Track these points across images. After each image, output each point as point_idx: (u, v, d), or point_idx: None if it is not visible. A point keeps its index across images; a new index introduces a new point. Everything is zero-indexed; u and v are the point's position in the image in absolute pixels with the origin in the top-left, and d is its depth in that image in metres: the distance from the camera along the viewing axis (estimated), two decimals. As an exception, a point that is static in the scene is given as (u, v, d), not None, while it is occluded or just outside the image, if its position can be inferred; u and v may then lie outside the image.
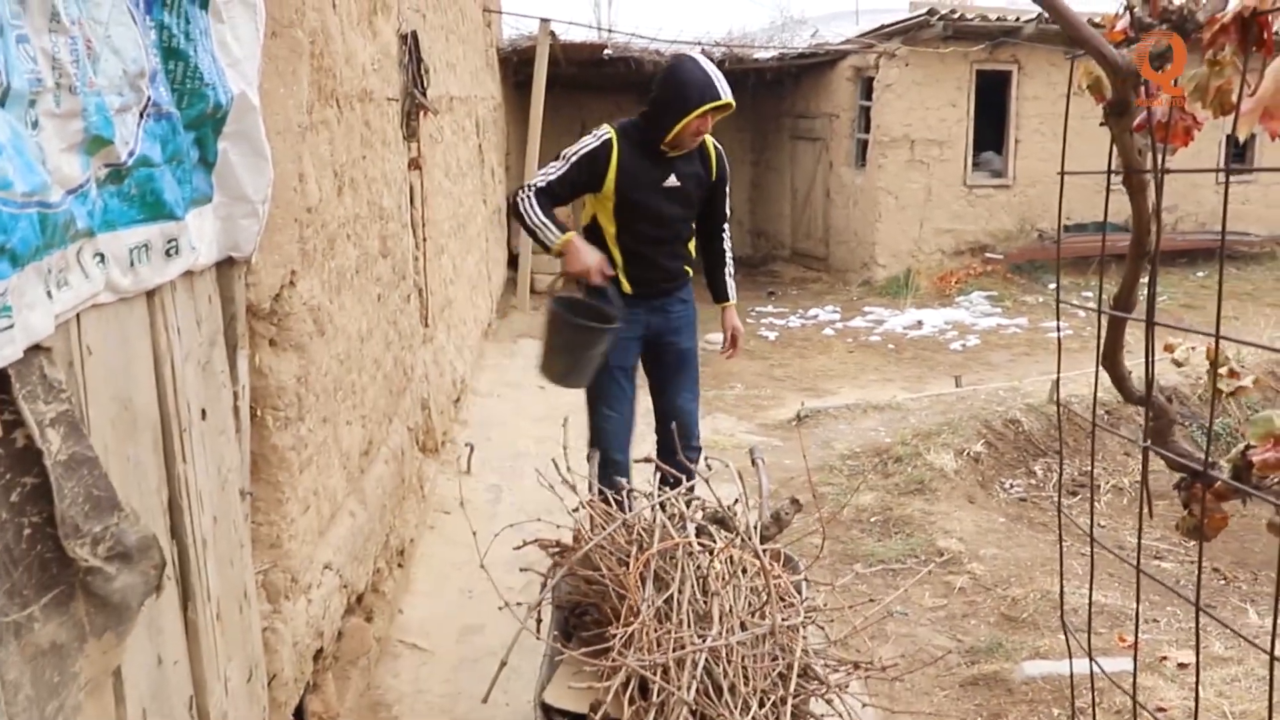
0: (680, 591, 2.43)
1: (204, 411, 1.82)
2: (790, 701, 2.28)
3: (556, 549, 2.83)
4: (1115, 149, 1.88)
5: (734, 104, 3.70)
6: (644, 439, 6.46)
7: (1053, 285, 11.71)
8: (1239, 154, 13.46)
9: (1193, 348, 2.46)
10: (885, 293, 11.79)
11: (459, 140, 7.01)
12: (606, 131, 3.90)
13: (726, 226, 4.22)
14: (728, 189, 4.14)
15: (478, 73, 8.49)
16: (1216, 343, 1.92)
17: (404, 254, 4.20)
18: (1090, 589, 2.20)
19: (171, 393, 1.69)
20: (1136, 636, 1.93)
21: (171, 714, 1.69)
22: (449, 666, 3.63)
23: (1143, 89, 1.89)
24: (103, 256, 1.46)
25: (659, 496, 2.84)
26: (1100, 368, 2.30)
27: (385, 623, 3.63)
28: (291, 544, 2.30)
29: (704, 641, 2.24)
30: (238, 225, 1.90)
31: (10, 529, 1.23)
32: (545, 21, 9.96)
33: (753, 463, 3.59)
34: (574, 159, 3.82)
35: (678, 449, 3.30)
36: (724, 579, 2.49)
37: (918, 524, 5.02)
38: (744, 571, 2.59)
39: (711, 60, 3.84)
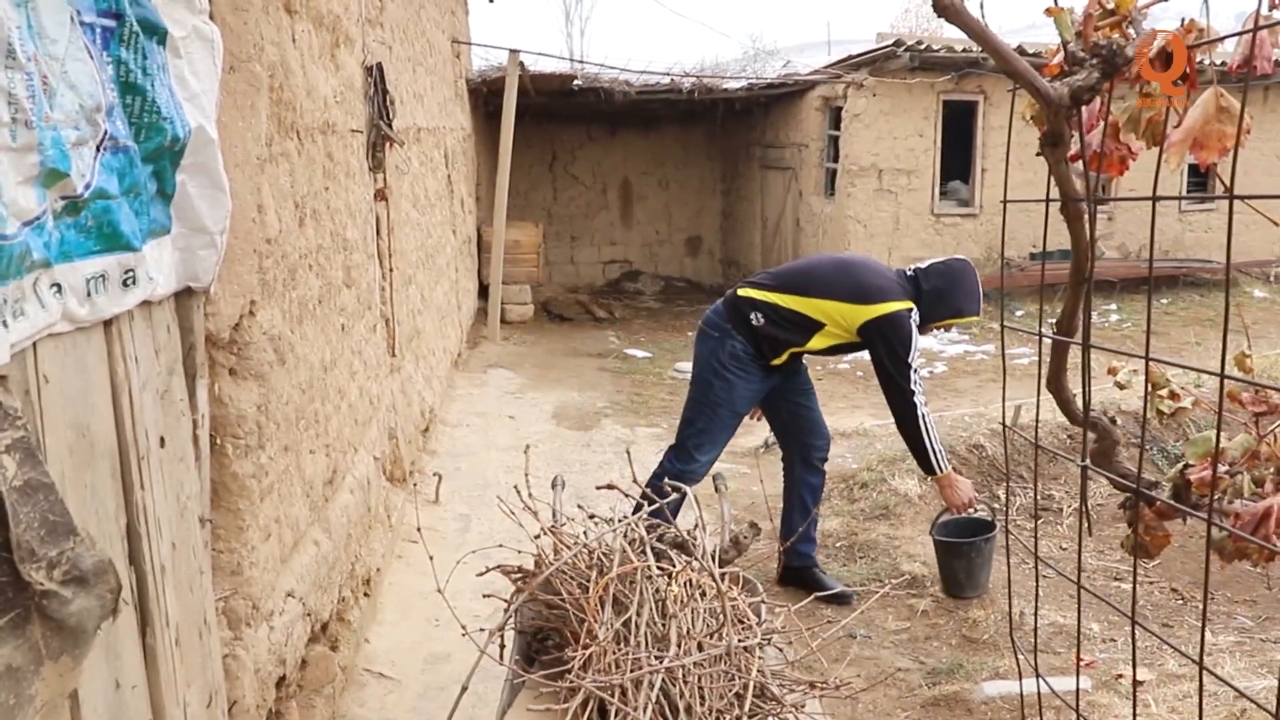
0: (639, 614, 2.45)
1: (162, 439, 1.84)
2: None
3: (519, 575, 2.85)
4: (1053, 178, 1.95)
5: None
6: (611, 467, 6.49)
7: (1020, 313, 11.86)
8: (1200, 183, 13.71)
9: (1135, 371, 2.53)
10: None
11: (427, 171, 7.06)
12: (913, 311, 4.14)
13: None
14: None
15: (446, 104, 8.55)
16: (1146, 365, 1.99)
17: (369, 284, 4.24)
18: (1035, 609, 2.24)
19: (130, 421, 1.71)
20: (1079, 653, 1.98)
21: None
22: (415, 695, 3.64)
23: (1076, 120, 1.96)
24: (59, 287, 1.49)
25: (619, 523, 2.85)
26: (1046, 390, 2.37)
27: (351, 651, 3.63)
28: (253, 571, 2.32)
29: (661, 663, 2.26)
30: (196, 256, 1.93)
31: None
32: (515, 52, 10.05)
33: (716, 490, 3.63)
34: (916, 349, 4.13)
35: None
36: (681, 602, 2.52)
37: (882, 548, 5.07)
38: (702, 594, 2.62)
39: (678, 90, 4.00)
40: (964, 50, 11.11)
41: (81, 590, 1.43)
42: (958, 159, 12.37)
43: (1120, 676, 3.57)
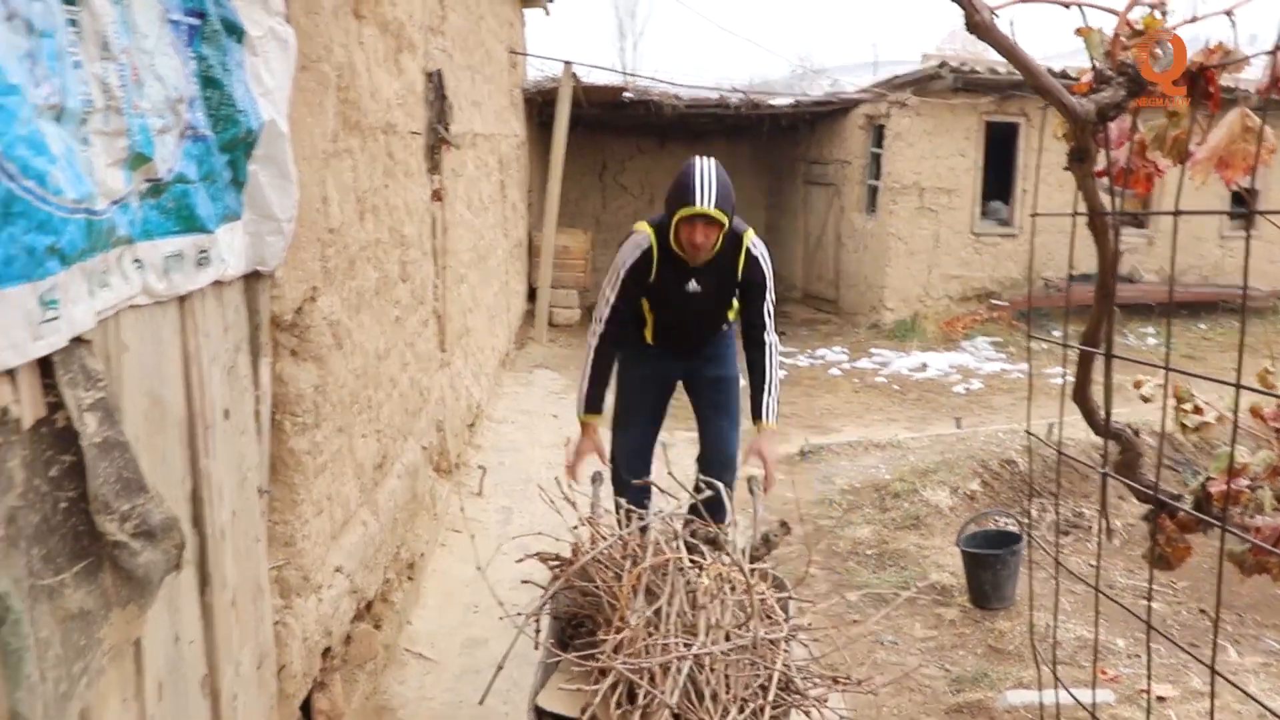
0: (669, 604, 2.53)
1: (227, 412, 1.96)
2: (768, 711, 2.37)
3: (556, 563, 2.94)
4: (1081, 194, 2.02)
5: (713, 214, 3.49)
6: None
7: (1057, 332, 11.81)
8: (1243, 209, 13.58)
9: (1159, 385, 2.58)
10: (893, 336, 11.91)
11: (482, 175, 7.21)
12: (646, 240, 3.78)
13: (768, 334, 3.88)
14: (767, 293, 3.87)
15: (502, 111, 8.72)
16: (1166, 376, 2.05)
17: (423, 280, 4.37)
18: (1055, 620, 2.30)
19: (198, 392, 1.83)
20: (1095, 661, 2.03)
21: (186, 690, 1.82)
22: (452, 676, 3.75)
23: (1104, 136, 2.03)
24: (140, 262, 1.61)
25: (655, 516, 2.95)
26: (1073, 403, 2.43)
27: (393, 631, 3.75)
28: (305, 544, 2.44)
29: (689, 650, 2.35)
30: (264, 241, 2.06)
31: (48, 501, 1.37)
32: (568, 64, 10.21)
33: (750, 492, 3.72)
34: (622, 280, 3.80)
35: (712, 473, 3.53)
36: (711, 594, 2.59)
37: (912, 558, 5.12)
38: (732, 588, 2.68)
39: (726, 105, 4.01)
40: (1007, 72, 11.12)
41: (149, 544, 1.55)
42: (999, 179, 12.36)
43: (1143, 691, 3.60)
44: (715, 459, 4.05)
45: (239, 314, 2.04)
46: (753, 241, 3.80)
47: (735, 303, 3.96)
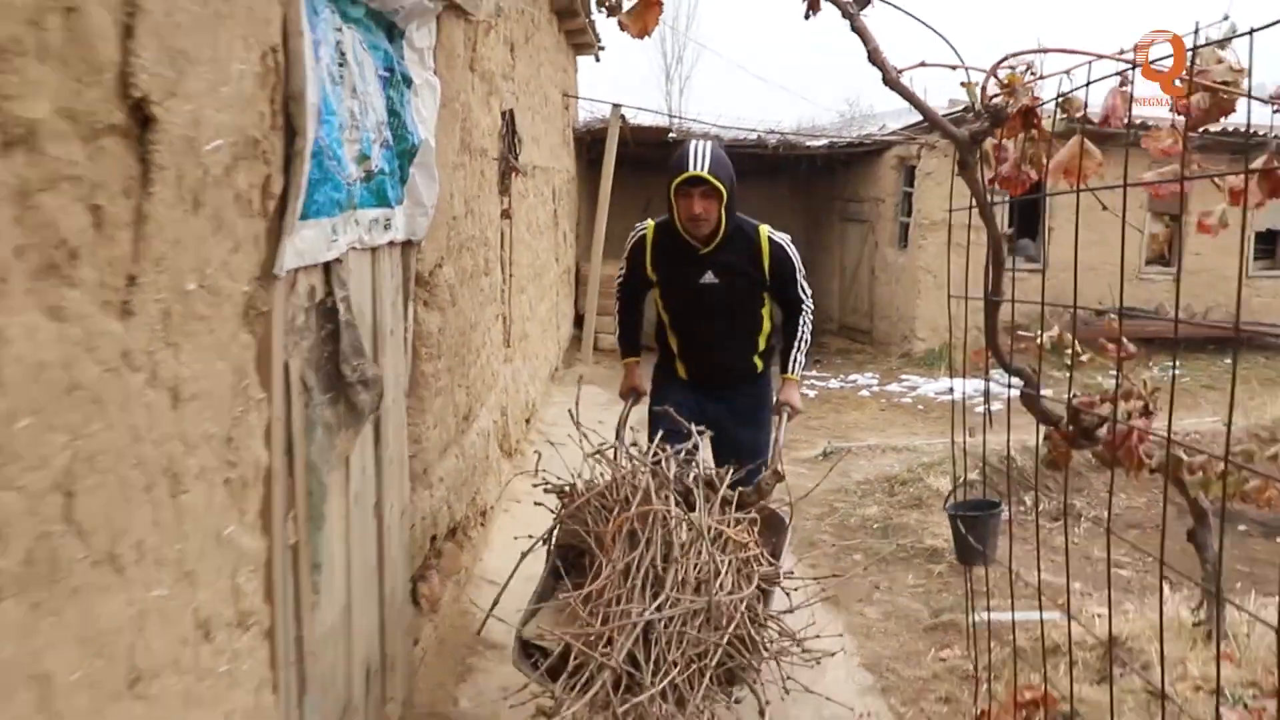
0: (645, 553, 2.72)
1: (391, 330, 2.94)
2: (710, 672, 2.66)
3: (564, 494, 3.21)
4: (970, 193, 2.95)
5: (707, 177, 3.53)
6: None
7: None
8: (1269, 250, 14.31)
9: (1051, 336, 3.48)
10: (923, 364, 12.74)
11: (539, 204, 8.25)
12: (644, 227, 3.95)
13: (805, 309, 3.97)
14: (799, 278, 3.94)
15: (556, 148, 9.78)
16: (1041, 315, 2.95)
17: (494, 281, 5.36)
18: (1038, 564, 3.19)
19: (378, 313, 2.80)
20: (1039, 565, 2.90)
21: (365, 508, 2.77)
22: (519, 598, 4.68)
23: (995, 155, 2.95)
24: (359, 222, 2.59)
25: (656, 456, 3.11)
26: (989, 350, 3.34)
27: (470, 558, 4.69)
28: (426, 444, 3.40)
29: (643, 612, 2.60)
30: (416, 221, 3.04)
31: (322, 349, 2.34)
32: (616, 106, 11.29)
33: (777, 415, 3.91)
34: (625, 261, 4.03)
35: None
36: (684, 549, 2.76)
37: (911, 529, 5.99)
38: (713, 540, 2.85)
39: (764, 146, 4.60)
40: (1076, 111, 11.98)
41: (365, 389, 2.51)
42: (1027, 218, 13.21)
43: (1094, 615, 4.44)
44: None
45: (398, 267, 3.02)
46: (772, 232, 3.85)
47: (766, 318, 3.96)
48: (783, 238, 3.89)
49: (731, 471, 3.24)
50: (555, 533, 3.22)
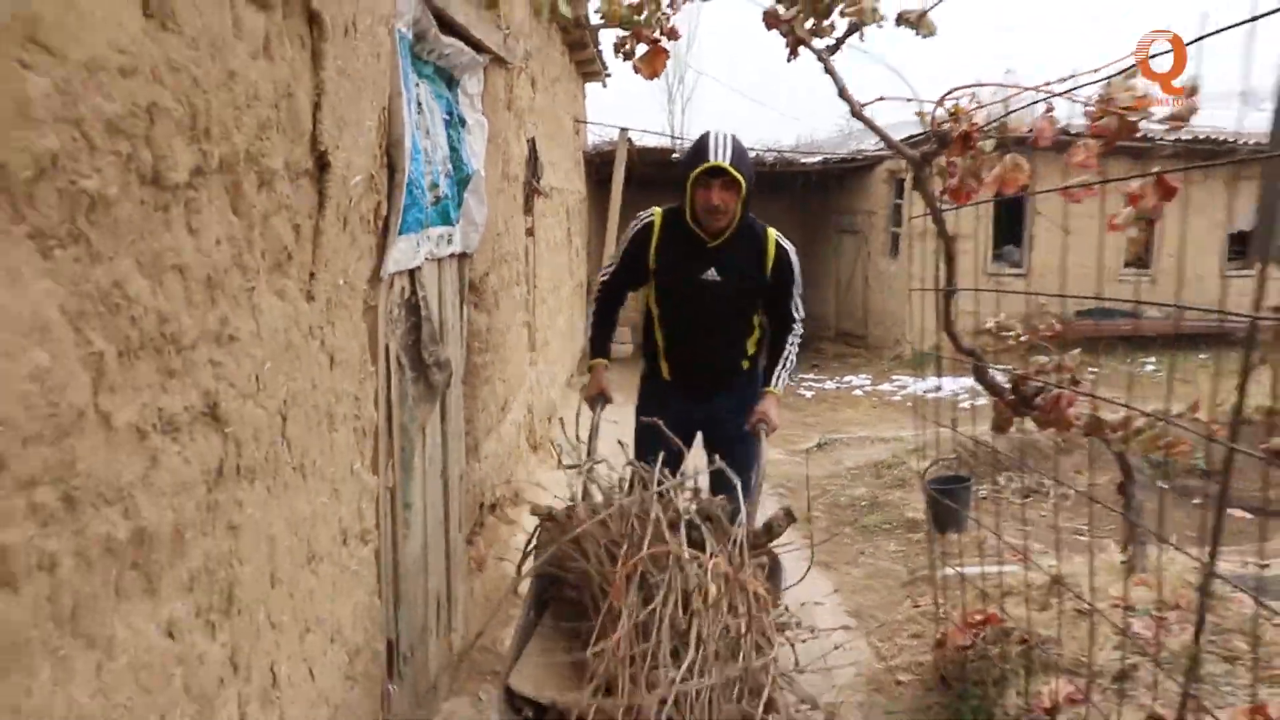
0: (664, 604, 2.41)
1: (452, 327, 3.60)
2: None
3: (548, 518, 3.03)
4: (922, 199, 3.60)
5: (728, 168, 3.48)
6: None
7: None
8: (1241, 251, 14.96)
9: (997, 319, 4.13)
10: (913, 365, 13.40)
11: (555, 223, 8.92)
12: (651, 214, 3.83)
13: (795, 330, 3.89)
14: (795, 291, 3.86)
15: (568, 171, 10.47)
16: (977, 295, 3.60)
17: (522, 293, 6.03)
18: (998, 527, 3.83)
19: (444, 312, 3.46)
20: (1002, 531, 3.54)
21: (435, 469, 3.42)
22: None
23: (946, 169, 3.61)
24: (429, 238, 3.25)
25: (656, 486, 2.89)
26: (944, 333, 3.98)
27: (508, 532, 5.34)
28: (476, 424, 4.06)
29: (677, 675, 2.29)
30: (470, 237, 3.70)
31: (409, 337, 3.00)
32: (624, 131, 11.99)
33: (757, 434, 3.78)
34: (623, 250, 3.87)
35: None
36: (705, 597, 2.47)
37: (895, 506, 6.63)
38: (725, 583, 2.54)
39: (762, 163, 5.01)
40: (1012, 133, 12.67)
41: (439, 370, 3.17)
42: (1010, 226, 13.89)
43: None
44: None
45: (456, 275, 3.69)
46: (780, 237, 3.78)
47: (757, 325, 3.87)
48: (789, 245, 3.82)
49: (734, 508, 3.00)
50: (534, 560, 2.99)
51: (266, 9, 1.70)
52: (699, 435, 3.89)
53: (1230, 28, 2.16)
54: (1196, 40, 2.40)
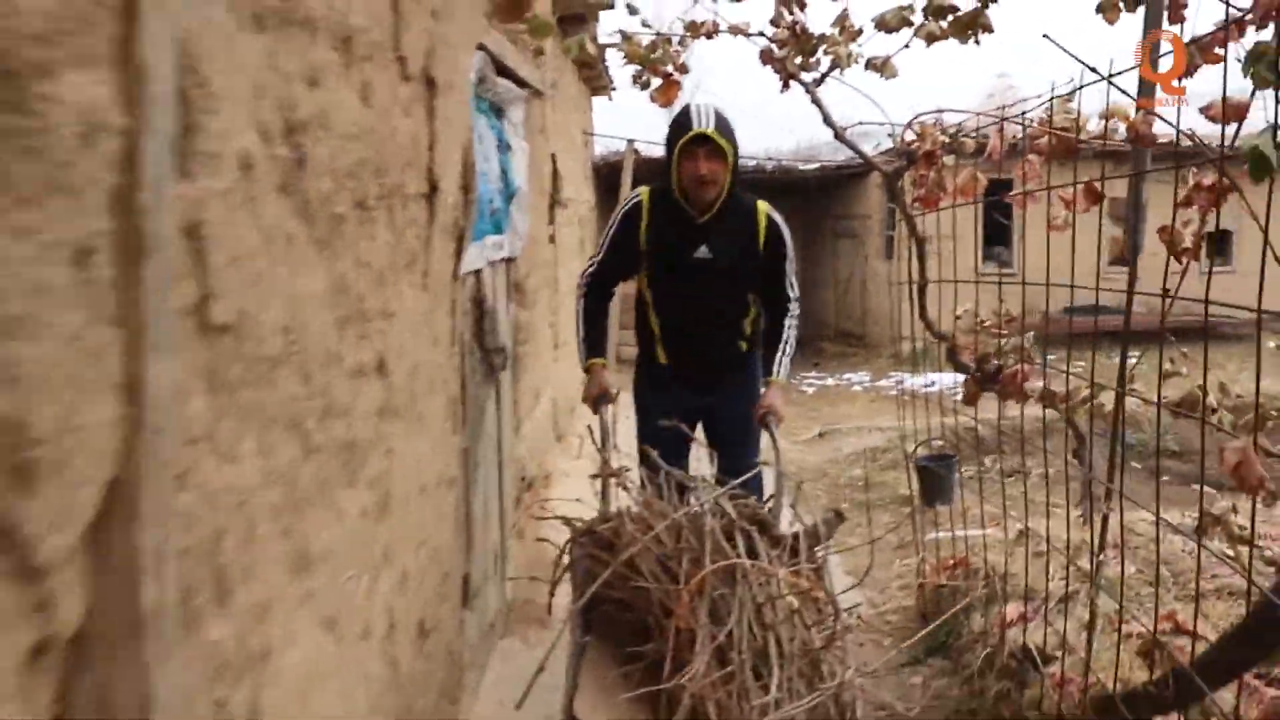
0: (738, 624, 2.29)
1: (503, 320, 4.27)
2: None
3: (584, 537, 2.91)
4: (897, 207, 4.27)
5: (713, 135, 3.43)
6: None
7: (1050, 356, 13.84)
8: (1221, 249, 15.63)
9: (966, 309, 4.79)
10: (909, 361, 14.05)
11: (570, 231, 9.60)
12: (638, 194, 3.76)
13: (792, 311, 3.83)
14: (788, 266, 3.79)
15: (580, 183, 11.15)
16: (955, 288, 4.27)
17: (548, 296, 6.70)
18: (980, 502, 4.49)
19: (498, 307, 4.13)
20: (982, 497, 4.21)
21: (491, 442, 4.08)
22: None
23: (915, 179, 4.28)
24: (485, 245, 3.91)
25: (704, 491, 2.84)
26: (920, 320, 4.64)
27: (539, 510, 6.00)
28: (520, 404, 4.73)
29: (769, 699, 2.17)
30: (515, 244, 4.37)
31: (475, 328, 3.67)
32: (630, 142, 12.67)
33: (765, 428, 3.70)
34: (611, 236, 3.80)
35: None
36: (777, 611, 2.37)
37: (889, 485, 7.29)
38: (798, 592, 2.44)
39: (763, 170, 5.64)
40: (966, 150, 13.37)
41: (498, 354, 3.84)
42: (999, 226, 14.54)
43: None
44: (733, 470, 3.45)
45: (504, 277, 4.36)
46: (770, 209, 3.72)
47: (752, 304, 3.83)
48: (780, 217, 3.76)
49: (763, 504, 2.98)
50: (573, 571, 2.90)
51: (409, 80, 2.37)
52: (699, 428, 3.87)
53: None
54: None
